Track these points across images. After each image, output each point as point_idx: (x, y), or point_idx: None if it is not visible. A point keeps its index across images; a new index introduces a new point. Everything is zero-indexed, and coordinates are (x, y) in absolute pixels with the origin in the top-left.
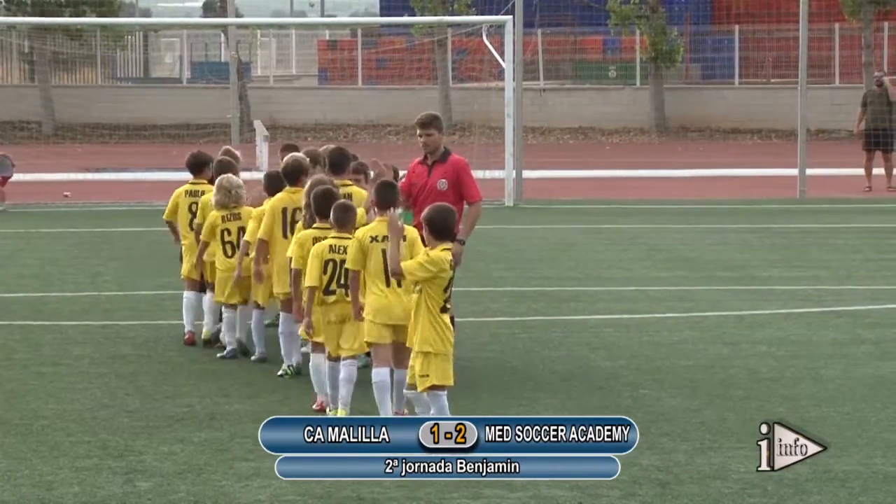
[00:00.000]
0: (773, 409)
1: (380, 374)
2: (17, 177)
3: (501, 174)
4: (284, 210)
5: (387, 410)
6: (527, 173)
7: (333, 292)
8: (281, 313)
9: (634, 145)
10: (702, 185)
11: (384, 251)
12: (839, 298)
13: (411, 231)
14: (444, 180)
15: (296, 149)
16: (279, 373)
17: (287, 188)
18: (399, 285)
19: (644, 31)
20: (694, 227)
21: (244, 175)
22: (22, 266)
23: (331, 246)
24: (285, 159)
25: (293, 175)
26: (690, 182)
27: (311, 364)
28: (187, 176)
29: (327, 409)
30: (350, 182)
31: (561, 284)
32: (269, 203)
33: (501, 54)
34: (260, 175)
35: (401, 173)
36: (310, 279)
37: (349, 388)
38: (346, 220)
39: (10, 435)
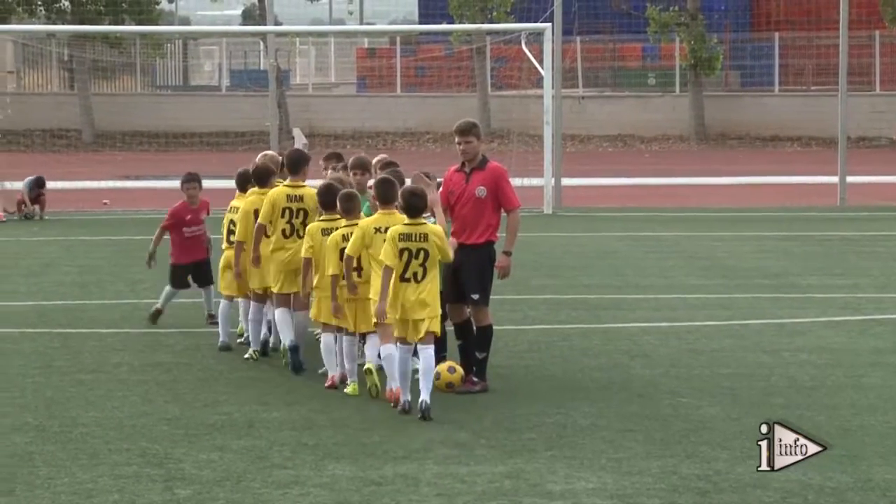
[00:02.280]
0: (814, 417)
1: (388, 349)
2: (56, 184)
3: (540, 182)
4: (256, 211)
5: (395, 378)
6: (566, 181)
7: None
8: (252, 303)
9: (674, 153)
10: (741, 193)
11: (384, 241)
12: (879, 307)
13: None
14: (482, 188)
15: (340, 158)
16: (245, 356)
17: (256, 190)
18: None
19: (683, 39)
20: (734, 234)
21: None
22: (61, 274)
23: (344, 235)
24: (256, 161)
25: (263, 177)
26: (730, 190)
27: (322, 344)
28: (224, 183)
29: (347, 382)
30: (304, 184)
31: (600, 292)
32: (245, 204)
33: (540, 62)
34: None
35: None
36: (331, 268)
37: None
38: (351, 209)
39: (49, 442)
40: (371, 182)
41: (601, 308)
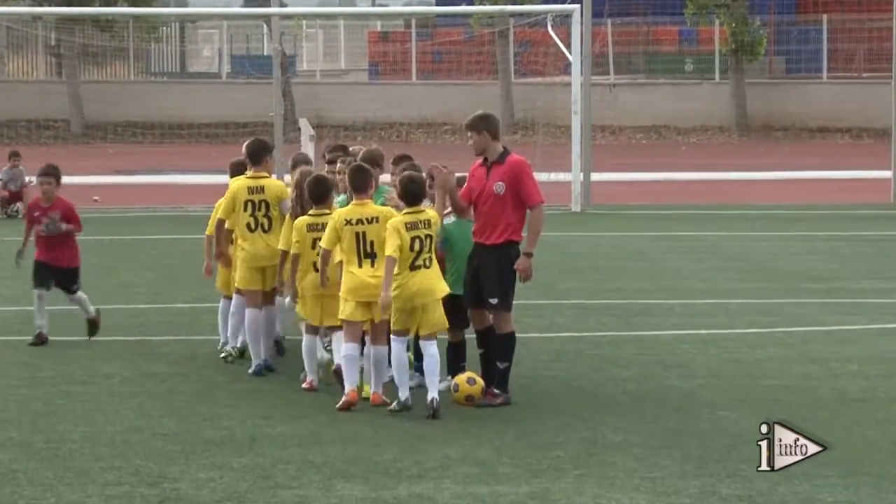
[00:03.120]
0: (864, 432)
1: (349, 348)
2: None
3: (568, 177)
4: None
5: (354, 380)
6: (595, 176)
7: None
8: (234, 298)
9: (713, 145)
10: (787, 189)
11: (357, 234)
12: None
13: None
14: (500, 183)
15: (345, 150)
16: (222, 355)
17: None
18: (372, 265)
19: (724, 21)
20: (778, 234)
21: (288, 179)
22: None
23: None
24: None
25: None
26: (774, 185)
27: (304, 346)
28: (225, 178)
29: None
30: (266, 174)
31: (632, 297)
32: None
33: (568, 46)
34: None
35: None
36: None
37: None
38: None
39: (34, 460)
40: (383, 177)
41: (634, 314)
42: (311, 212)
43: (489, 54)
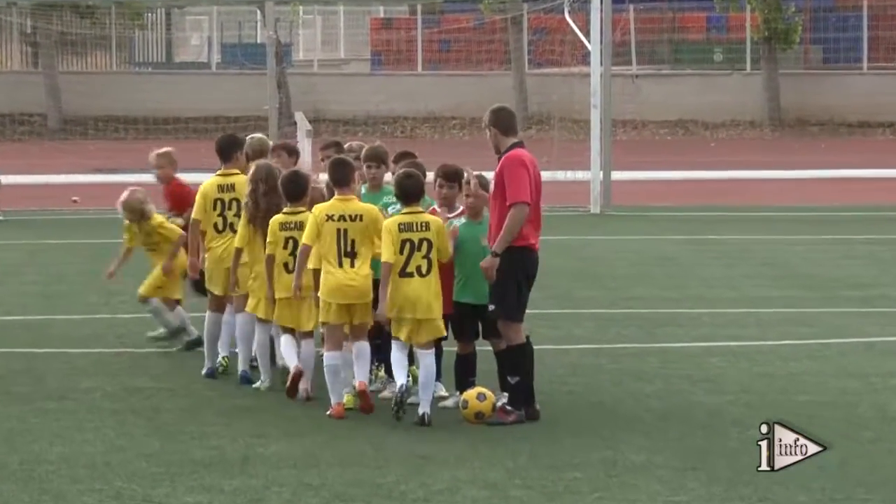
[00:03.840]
0: None
1: (331, 357)
2: (17, 179)
3: (586, 176)
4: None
5: (339, 395)
6: (616, 175)
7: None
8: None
9: (744, 141)
10: (824, 189)
11: (339, 230)
12: None
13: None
14: (494, 181)
15: (338, 146)
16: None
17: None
18: (352, 265)
19: (755, 7)
20: (814, 238)
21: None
22: (24, 284)
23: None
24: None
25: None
26: (810, 185)
27: (281, 345)
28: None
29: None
30: (237, 171)
31: (656, 306)
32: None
33: (587, 34)
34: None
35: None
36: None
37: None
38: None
39: (8, 481)
40: (389, 177)
41: (657, 324)
42: (285, 209)
43: (501, 43)
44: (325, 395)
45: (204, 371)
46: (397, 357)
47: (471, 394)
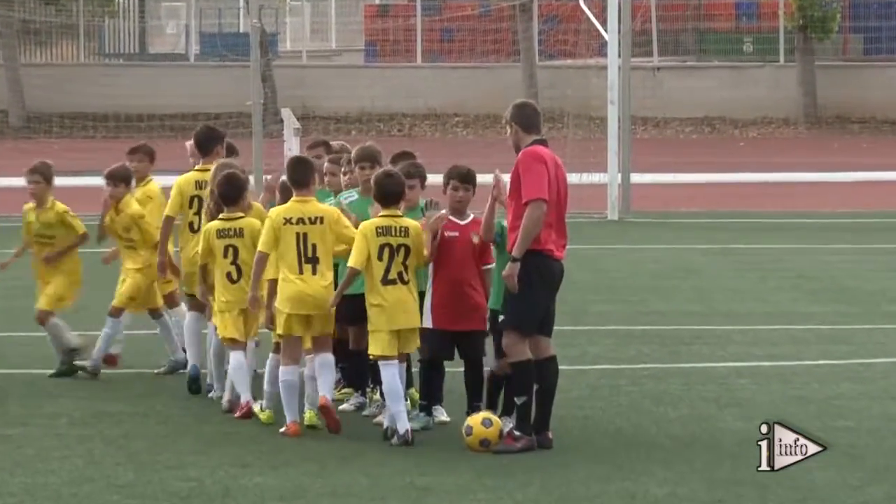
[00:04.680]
0: None
1: (288, 372)
2: None
3: (603, 178)
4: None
5: (294, 413)
6: (636, 177)
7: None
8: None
9: (777, 140)
10: (865, 193)
11: (298, 234)
12: None
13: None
14: (508, 181)
15: (328, 146)
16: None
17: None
18: (314, 272)
19: None
20: (855, 247)
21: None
22: None
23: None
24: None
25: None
26: (850, 188)
27: (231, 364)
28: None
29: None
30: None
31: (680, 322)
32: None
33: (603, 22)
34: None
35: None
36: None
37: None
38: (235, 196)
39: None
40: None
41: (681, 342)
42: (221, 215)
43: (509, 32)
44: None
45: (188, 371)
46: (395, 387)
47: (475, 419)
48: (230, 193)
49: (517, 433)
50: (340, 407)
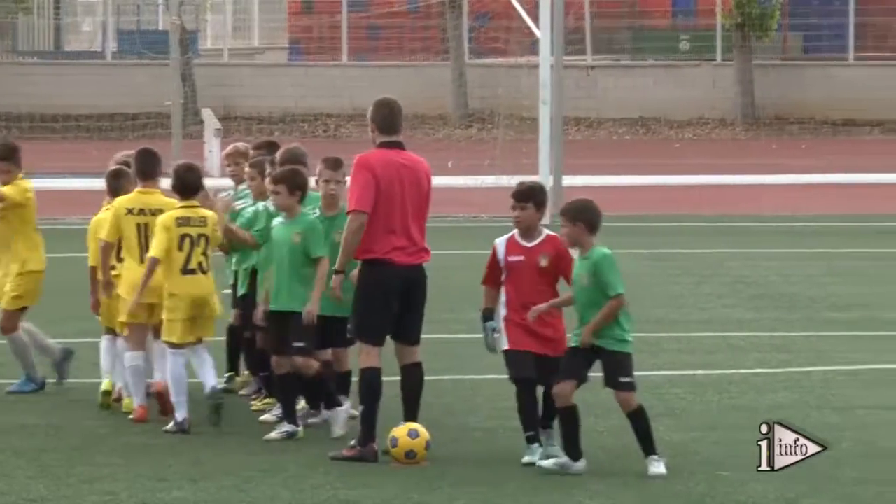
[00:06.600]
0: None
1: (135, 357)
2: None
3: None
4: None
5: (141, 398)
6: (568, 179)
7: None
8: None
9: (714, 142)
10: (804, 196)
11: (138, 225)
12: None
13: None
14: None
15: (275, 147)
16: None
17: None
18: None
19: None
20: (794, 251)
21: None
22: None
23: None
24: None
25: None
26: (788, 191)
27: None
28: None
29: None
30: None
31: None
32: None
33: (535, 19)
34: (210, 181)
35: None
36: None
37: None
38: (118, 188)
39: None
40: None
41: None
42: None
43: (438, 29)
44: (228, 433)
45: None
46: (182, 374)
47: (401, 430)
48: (113, 185)
49: (352, 442)
50: (271, 429)
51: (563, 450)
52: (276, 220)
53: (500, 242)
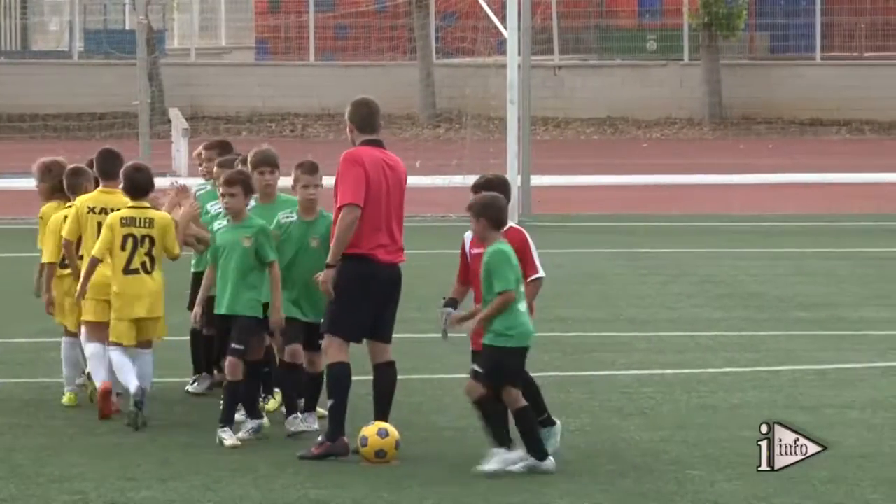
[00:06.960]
0: (867, 495)
1: (95, 347)
2: None
3: None
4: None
5: (102, 375)
6: (536, 179)
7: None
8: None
9: (681, 141)
10: (772, 196)
11: (99, 224)
12: None
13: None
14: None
15: (229, 148)
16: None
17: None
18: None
19: None
20: (761, 251)
21: (159, 182)
22: None
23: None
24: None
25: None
26: (756, 191)
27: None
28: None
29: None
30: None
31: (581, 329)
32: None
33: (502, 19)
34: (177, 180)
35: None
36: (48, 255)
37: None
38: (77, 185)
39: None
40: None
41: (583, 350)
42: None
43: (405, 29)
44: (197, 432)
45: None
46: (123, 362)
47: (371, 429)
48: (71, 183)
49: (320, 439)
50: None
51: (528, 452)
52: (219, 223)
53: (468, 236)
